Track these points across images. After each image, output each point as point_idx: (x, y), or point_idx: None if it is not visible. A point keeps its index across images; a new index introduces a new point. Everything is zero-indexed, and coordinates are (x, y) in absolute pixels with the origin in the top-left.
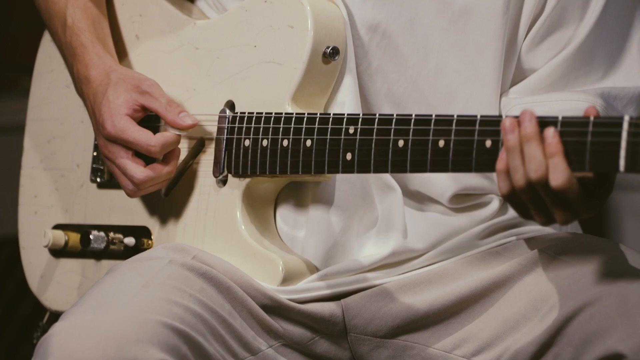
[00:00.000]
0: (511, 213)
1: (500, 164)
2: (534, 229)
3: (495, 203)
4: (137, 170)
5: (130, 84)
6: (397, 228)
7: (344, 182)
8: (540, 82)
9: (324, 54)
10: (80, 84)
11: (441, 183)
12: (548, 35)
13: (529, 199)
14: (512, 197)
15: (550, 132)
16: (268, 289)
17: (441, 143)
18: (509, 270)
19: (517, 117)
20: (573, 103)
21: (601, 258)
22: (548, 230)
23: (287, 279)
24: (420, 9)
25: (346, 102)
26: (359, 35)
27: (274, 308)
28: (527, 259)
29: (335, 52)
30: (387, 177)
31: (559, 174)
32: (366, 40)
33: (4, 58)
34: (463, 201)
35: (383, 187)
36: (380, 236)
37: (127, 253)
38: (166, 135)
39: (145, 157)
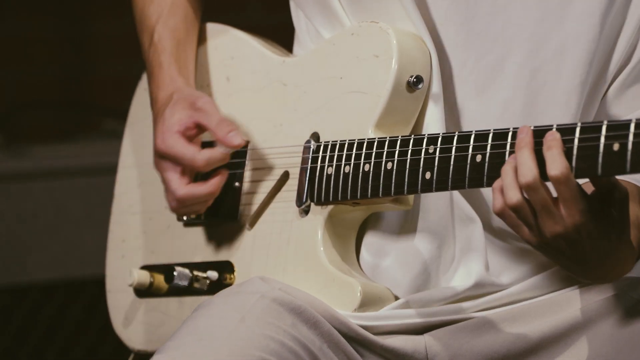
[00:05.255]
0: None
1: (497, 182)
2: None
3: None
4: (179, 186)
5: (187, 102)
6: (479, 261)
7: (431, 212)
8: None
9: (408, 82)
10: (151, 105)
11: None
12: (634, 83)
13: (522, 216)
14: (503, 213)
15: (549, 133)
16: (351, 321)
17: None
18: (591, 310)
19: None
20: None
21: None
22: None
23: (365, 304)
24: (514, 47)
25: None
26: (449, 66)
27: (358, 340)
28: (609, 300)
29: (419, 80)
30: (469, 209)
31: (557, 165)
32: (455, 73)
33: (87, 101)
34: None
35: (465, 219)
36: (463, 268)
37: (210, 290)
38: (213, 151)
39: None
